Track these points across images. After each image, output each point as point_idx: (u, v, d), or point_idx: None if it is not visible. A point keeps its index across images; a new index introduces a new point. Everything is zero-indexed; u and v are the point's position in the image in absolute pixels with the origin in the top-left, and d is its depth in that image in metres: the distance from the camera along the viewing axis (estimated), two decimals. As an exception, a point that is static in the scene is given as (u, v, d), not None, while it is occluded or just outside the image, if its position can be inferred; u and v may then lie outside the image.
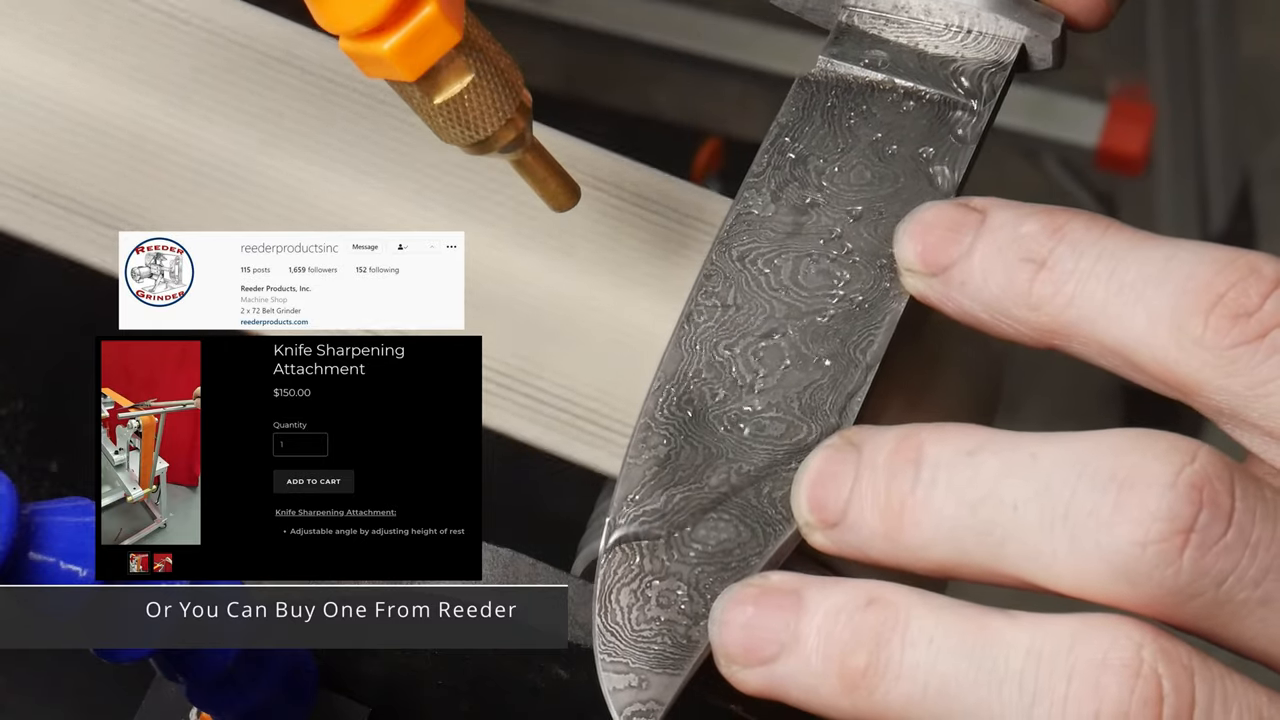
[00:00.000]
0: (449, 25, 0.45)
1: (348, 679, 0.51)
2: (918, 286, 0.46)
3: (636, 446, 0.46)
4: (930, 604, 0.42)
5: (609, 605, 0.45)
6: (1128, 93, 1.40)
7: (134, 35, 0.57)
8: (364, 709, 0.52)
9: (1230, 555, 0.40)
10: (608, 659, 0.44)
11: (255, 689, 0.48)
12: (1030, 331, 0.45)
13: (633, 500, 0.46)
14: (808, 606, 0.42)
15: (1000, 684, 0.40)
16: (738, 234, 0.48)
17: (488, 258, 0.54)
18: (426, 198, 0.55)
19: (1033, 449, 0.42)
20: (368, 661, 0.51)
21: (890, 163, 0.49)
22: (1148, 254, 0.43)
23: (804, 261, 0.48)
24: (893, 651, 0.41)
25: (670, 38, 1.50)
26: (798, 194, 0.49)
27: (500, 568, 0.48)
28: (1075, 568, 0.41)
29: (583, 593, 0.48)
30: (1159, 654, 0.40)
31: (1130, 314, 0.43)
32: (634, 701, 0.44)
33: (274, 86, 0.57)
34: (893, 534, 0.43)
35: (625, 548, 0.45)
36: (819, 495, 0.44)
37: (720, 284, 0.48)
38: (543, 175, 0.50)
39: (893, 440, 0.43)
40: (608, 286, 0.54)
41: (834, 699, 0.42)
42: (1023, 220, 0.45)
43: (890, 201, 0.48)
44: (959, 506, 0.42)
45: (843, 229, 0.48)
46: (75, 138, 0.56)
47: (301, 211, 0.55)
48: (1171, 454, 0.41)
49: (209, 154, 0.56)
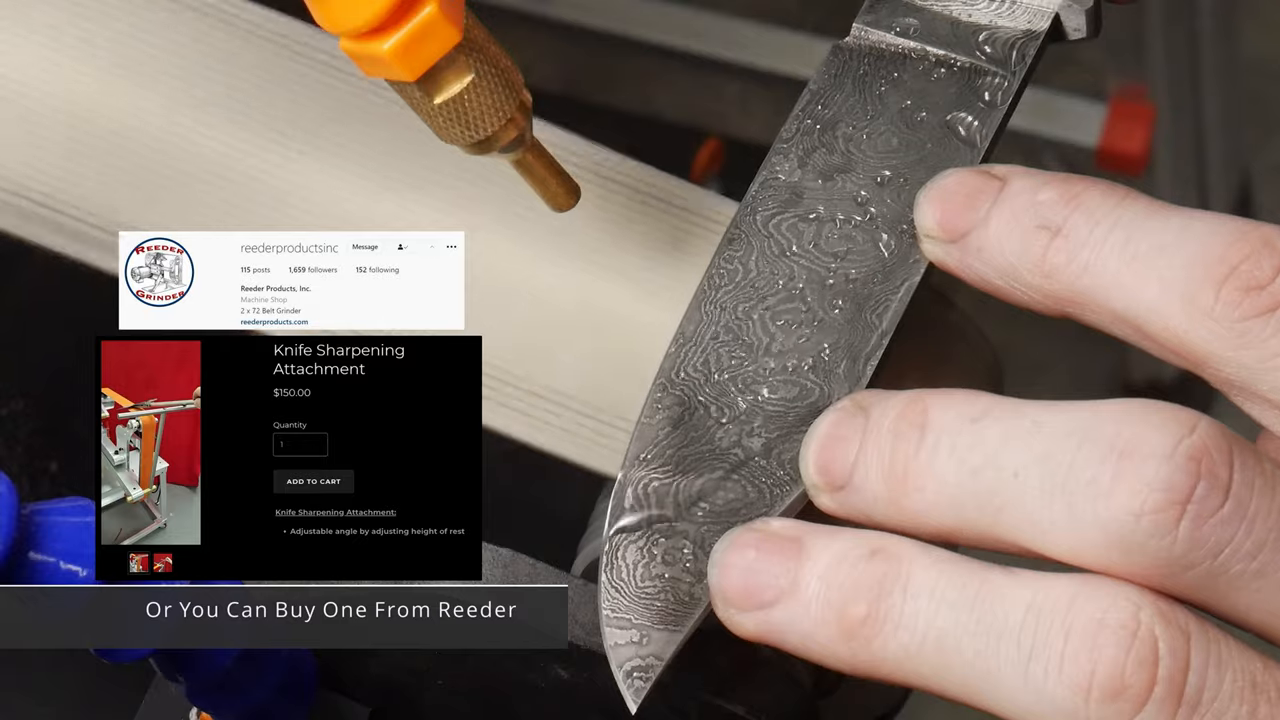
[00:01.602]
0: (449, 25, 0.45)
1: (348, 679, 0.51)
2: (936, 253, 0.46)
3: (651, 407, 0.47)
4: (932, 557, 0.42)
5: (615, 562, 0.45)
6: (1128, 93, 1.40)
7: (134, 35, 0.57)
8: (364, 709, 0.52)
9: (1226, 527, 0.40)
10: (611, 614, 0.45)
11: (255, 689, 0.48)
12: (1044, 299, 0.45)
13: (644, 459, 0.46)
14: (809, 553, 0.43)
15: (999, 639, 0.41)
16: (763, 198, 0.49)
17: (488, 257, 0.54)
18: (427, 197, 0.55)
19: (1036, 416, 0.42)
20: (368, 661, 0.51)
21: (918, 129, 0.49)
22: (1163, 224, 0.44)
23: (826, 226, 0.48)
24: (894, 602, 0.42)
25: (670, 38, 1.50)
26: (825, 160, 0.49)
27: (500, 568, 0.48)
28: (1073, 535, 0.41)
29: (583, 593, 0.48)
30: (1156, 616, 0.40)
31: (1143, 284, 0.43)
32: (634, 657, 0.44)
33: (275, 86, 0.57)
34: (896, 498, 0.43)
35: (634, 506, 0.46)
36: (826, 458, 0.44)
37: (742, 247, 0.48)
38: (543, 175, 0.50)
39: (899, 405, 0.43)
40: (608, 286, 0.54)
41: (831, 646, 0.42)
42: (1040, 188, 0.45)
43: (915, 168, 0.48)
44: (960, 472, 0.42)
45: (867, 194, 0.48)
46: (75, 138, 0.56)
47: (301, 211, 0.55)
48: (1171, 425, 0.41)
49: (209, 154, 0.56)
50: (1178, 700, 0.40)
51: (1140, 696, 0.40)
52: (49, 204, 0.55)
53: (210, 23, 0.57)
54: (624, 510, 0.46)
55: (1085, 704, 0.40)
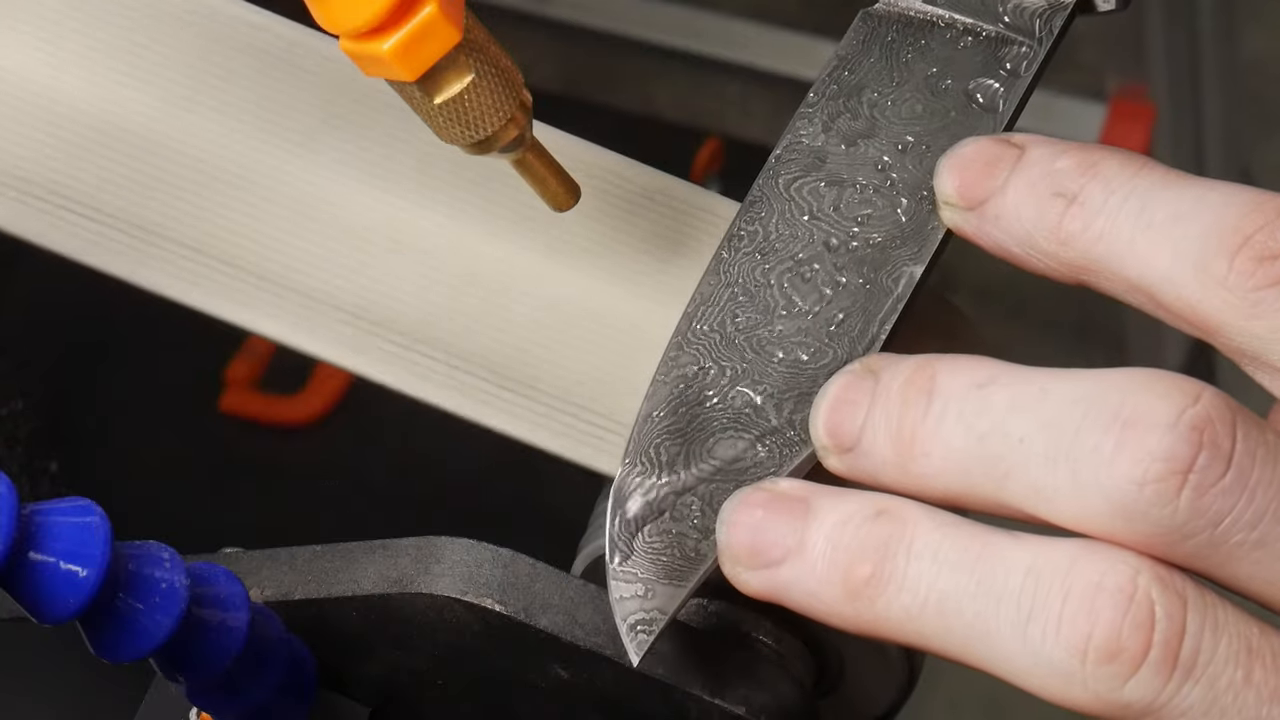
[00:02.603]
0: (449, 25, 0.45)
1: (348, 679, 0.51)
2: (955, 220, 0.47)
3: (665, 365, 0.47)
4: (937, 519, 0.42)
5: (622, 515, 0.46)
6: (1128, 93, 1.40)
7: (136, 34, 0.57)
8: (364, 709, 0.52)
9: (1228, 497, 0.41)
10: (617, 568, 0.45)
11: (255, 689, 0.48)
12: (1059, 266, 0.45)
13: (656, 417, 0.47)
14: (816, 514, 0.43)
15: (999, 601, 0.41)
16: (786, 162, 0.49)
17: (487, 257, 0.54)
18: (426, 197, 0.55)
19: (1043, 384, 0.42)
20: (368, 661, 0.51)
21: (942, 97, 0.49)
22: (1178, 193, 0.44)
23: (848, 191, 0.48)
24: (897, 563, 0.42)
25: (670, 38, 1.50)
26: (849, 125, 0.49)
27: (500, 568, 0.48)
28: (1076, 503, 0.41)
29: (583, 593, 0.48)
30: (1154, 580, 0.40)
31: (1157, 253, 0.43)
32: (639, 610, 0.45)
33: (275, 87, 0.57)
34: (903, 462, 0.43)
35: (644, 461, 0.46)
36: (835, 420, 0.44)
37: (764, 210, 0.49)
38: (543, 175, 0.50)
39: (908, 369, 0.44)
40: (607, 286, 0.54)
41: (836, 606, 0.43)
42: (1058, 156, 0.45)
43: (938, 135, 0.49)
44: (967, 438, 0.42)
45: (889, 160, 0.49)
46: (76, 138, 0.56)
47: (300, 211, 0.55)
48: (1175, 394, 0.41)
49: (210, 154, 0.56)
50: (1173, 663, 0.40)
51: (1136, 659, 0.40)
52: (49, 205, 0.55)
53: (213, 26, 0.57)
54: (634, 466, 0.46)
55: (1082, 665, 0.40)
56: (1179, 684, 0.40)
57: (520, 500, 0.95)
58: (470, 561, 0.48)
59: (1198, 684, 0.40)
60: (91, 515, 0.42)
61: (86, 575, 0.41)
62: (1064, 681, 0.41)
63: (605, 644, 0.48)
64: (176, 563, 0.44)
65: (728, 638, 0.51)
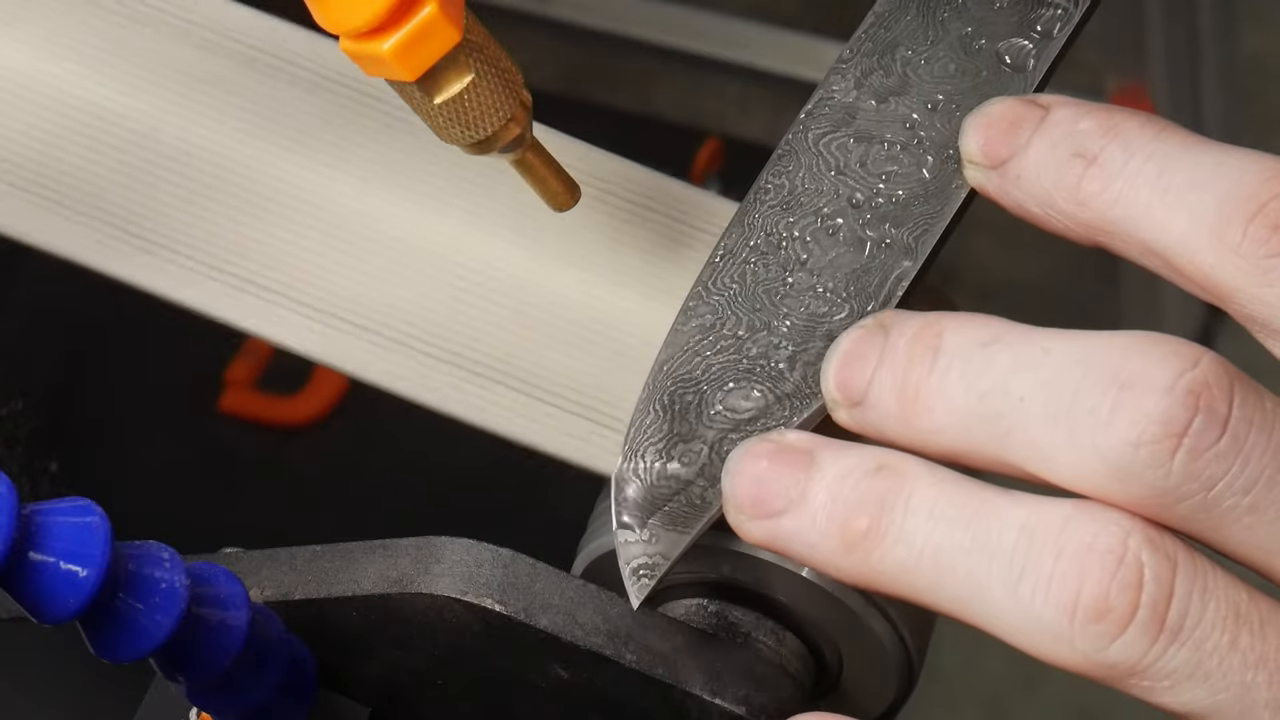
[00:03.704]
0: (449, 25, 0.45)
1: (348, 679, 0.51)
2: (978, 179, 0.47)
3: (684, 314, 0.48)
4: (936, 475, 0.43)
5: (633, 460, 0.46)
6: (1128, 93, 1.40)
7: (137, 37, 0.57)
8: (364, 709, 0.52)
9: (1221, 462, 0.41)
10: (623, 511, 0.46)
11: (255, 689, 0.48)
12: (1077, 227, 0.45)
13: (671, 365, 0.47)
14: (819, 466, 0.44)
15: (992, 558, 0.42)
16: (817, 116, 0.50)
17: (487, 257, 0.54)
18: (425, 197, 0.55)
19: (1045, 344, 0.43)
20: (368, 661, 0.51)
21: (975, 57, 0.50)
22: (1198, 158, 0.44)
23: (875, 147, 0.49)
24: (894, 518, 0.42)
25: (670, 38, 1.50)
26: (881, 82, 0.50)
27: (500, 568, 0.48)
28: (1072, 462, 0.42)
29: (583, 593, 0.48)
30: (1145, 543, 0.41)
31: (1173, 217, 0.44)
32: (642, 554, 0.46)
33: (274, 89, 0.57)
34: (907, 417, 0.44)
35: (657, 409, 0.47)
36: (845, 374, 0.45)
37: (792, 163, 0.49)
38: (543, 175, 0.50)
39: (916, 326, 0.44)
40: (607, 286, 0.54)
41: (833, 558, 0.43)
42: (1081, 117, 0.46)
43: (968, 95, 0.49)
44: (968, 396, 0.43)
45: (919, 118, 0.49)
46: (76, 138, 0.56)
47: (300, 212, 0.55)
48: (1173, 358, 0.41)
49: (211, 155, 0.56)
50: (1160, 625, 0.41)
51: (1123, 619, 0.40)
52: (49, 205, 0.55)
53: (214, 29, 0.57)
54: (646, 413, 0.47)
55: (1070, 624, 0.41)
56: (1165, 646, 0.41)
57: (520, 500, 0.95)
58: (470, 561, 0.48)
59: (1183, 647, 0.41)
60: (91, 515, 0.42)
61: (86, 575, 0.41)
62: (1052, 639, 0.41)
63: (605, 644, 0.48)
64: (176, 563, 0.44)
65: (728, 638, 0.51)
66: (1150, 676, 0.41)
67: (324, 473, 1.12)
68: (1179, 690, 0.41)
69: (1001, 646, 0.43)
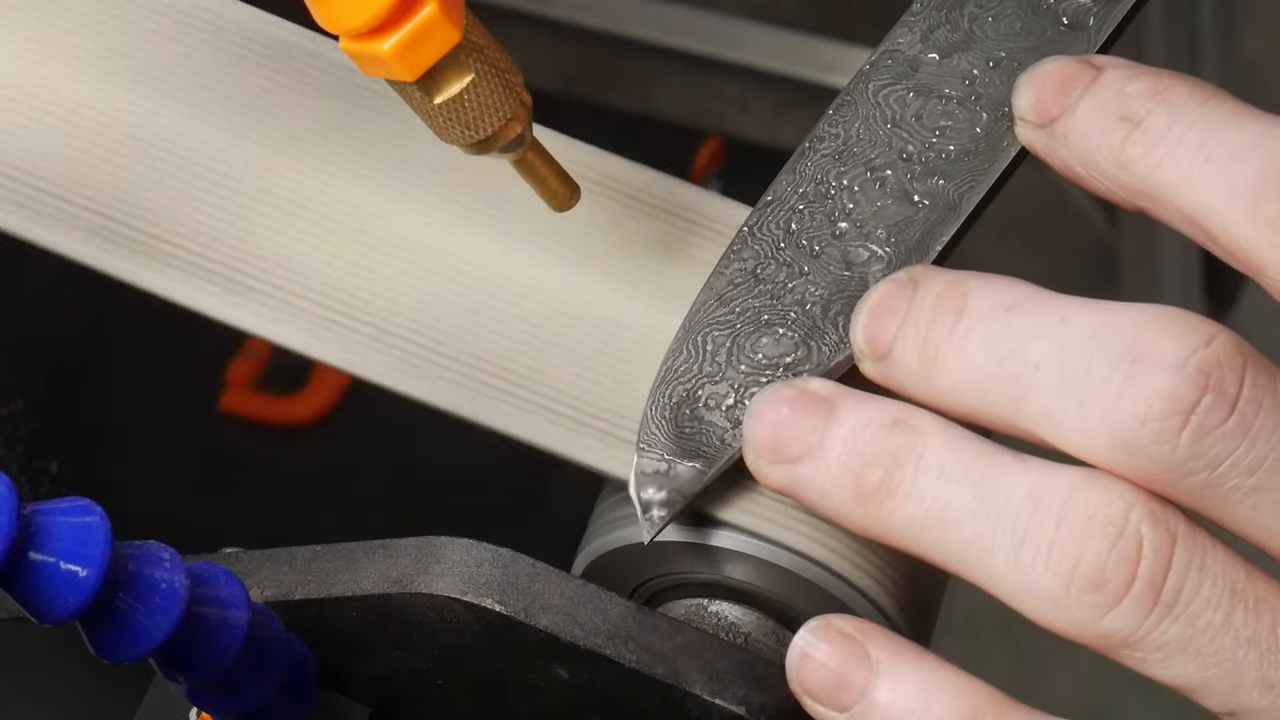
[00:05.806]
0: (449, 25, 0.45)
1: (348, 679, 0.51)
2: (1028, 136, 0.48)
3: (728, 257, 0.49)
4: (950, 434, 0.43)
5: (661, 398, 0.47)
6: (1128, 93, 1.40)
7: (137, 35, 0.57)
8: (364, 709, 0.52)
9: (1228, 442, 0.41)
10: (645, 447, 0.47)
11: (255, 689, 0.48)
12: (1119, 190, 0.46)
13: (709, 306, 0.48)
14: (839, 416, 0.44)
15: (996, 521, 0.42)
16: (880, 68, 0.50)
17: (486, 257, 0.54)
18: (425, 197, 0.55)
19: (1065, 312, 0.43)
20: (368, 661, 0.51)
21: (1042, 16, 0.50)
22: (1240, 128, 0.44)
23: (932, 101, 0.49)
24: (906, 473, 0.43)
25: (670, 38, 1.50)
26: (946, 37, 0.50)
27: (500, 568, 0.48)
28: (1082, 432, 0.42)
29: (583, 593, 0.48)
30: (1146, 516, 0.41)
31: (1212, 186, 0.44)
32: (661, 489, 0.47)
33: (275, 89, 0.57)
34: (928, 375, 0.44)
35: (690, 348, 0.48)
36: (873, 326, 0.45)
37: (849, 113, 0.50)
38: (543, 175, 0.50)
39: (943, 284, 0.44)
40: (607, 286, 0.54)
41: (845, 508, 0.44)
42: (1131, 80, 0.46)
43: (1030, 54, 0.50)
44: (987, 359, 0.43)
45: (978, 74, 0.50)
46: (77, 138, 0.56)
47: (300, 212, 0.55)
48: (1188, 335, 0.42)
49: (211, 155, 0.56)
50: (1155, 598, 0.41)
51: (1119, 591, 0.41)
52: (49, 204, 0.55)
53: (214, 27, 0.57)
54: (679, 352, 0.48)
55: (1066, 592, 0.41)
56: (1158, 620, 0.41)
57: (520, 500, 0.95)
58: (470, 561, 0.48)
59: (1177, 621, 0.41)
60: (91, 515, 0.42)
61: (86, 575, 0.41)
62: (1049, 606, 0.41)
63: (605, 644, 0.48)
64: (176, 563, 0.44)
65: (728, 638, 0.51)
66: (1143, 648, 0.41)
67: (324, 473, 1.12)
68: (1170, 663, 0.41)
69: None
